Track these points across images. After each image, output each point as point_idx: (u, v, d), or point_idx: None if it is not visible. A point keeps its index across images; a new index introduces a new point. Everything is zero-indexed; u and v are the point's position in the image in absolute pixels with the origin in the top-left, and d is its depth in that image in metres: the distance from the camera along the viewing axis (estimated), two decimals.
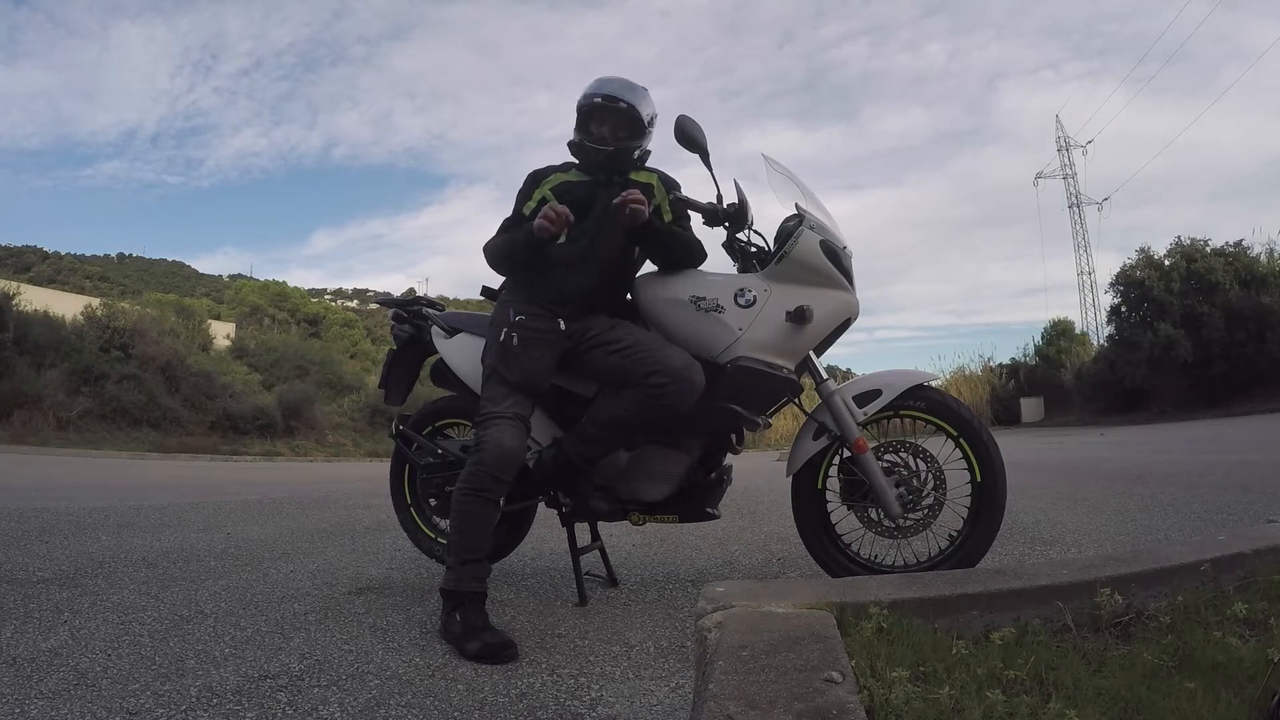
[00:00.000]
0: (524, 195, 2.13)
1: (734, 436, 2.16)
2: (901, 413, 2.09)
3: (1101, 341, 23.04)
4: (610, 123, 2.08)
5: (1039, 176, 36.99)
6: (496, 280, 2.24)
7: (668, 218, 2.15)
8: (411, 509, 2.58)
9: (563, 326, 2.03)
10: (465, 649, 1.67)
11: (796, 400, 2.10)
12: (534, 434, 2.05)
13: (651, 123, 2.14)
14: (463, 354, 2.27)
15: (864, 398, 2.05)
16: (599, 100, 2.07)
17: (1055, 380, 22.84)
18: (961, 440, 2.04)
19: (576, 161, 2.15)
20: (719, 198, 2.09)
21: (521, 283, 2.12)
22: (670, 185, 2.17)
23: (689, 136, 2.00)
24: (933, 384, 2.11)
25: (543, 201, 2.07)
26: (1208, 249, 18.26)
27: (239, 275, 57.46)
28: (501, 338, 2.01)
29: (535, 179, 2.15)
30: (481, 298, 2.38)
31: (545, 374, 2.02)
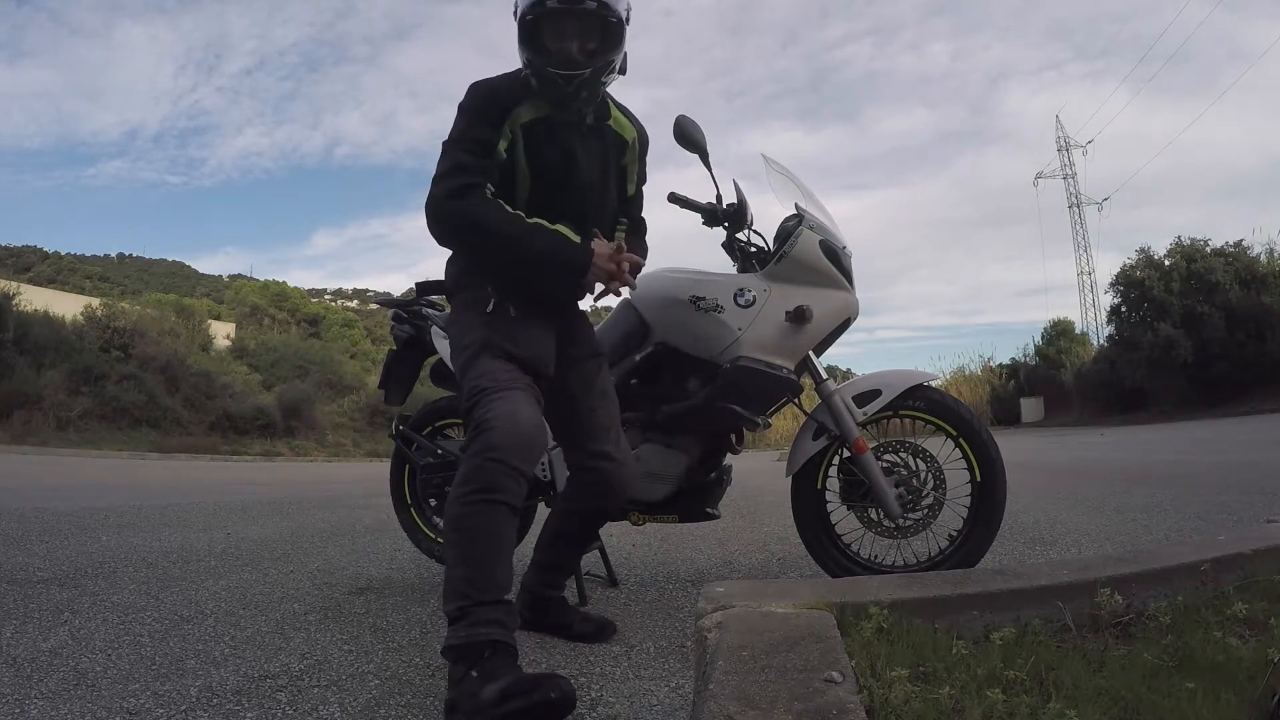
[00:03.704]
0: (485, 120, 1.56)
1: (734, 436, 2.15)
2: (901, 413, 2.09)
3: (1101, 341, 23.13)
4: (573, 32, 1.53)
5: (1039, 177, 37.17)
6: (440, 256, 1.75)
7: (631, 188, 1.82)
8: (411, 509, 2.58)
9: None
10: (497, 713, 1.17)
11: (796, 400, 2.10)
12: None
13: (628, 19, 1.59)
14: None
15: (864, 398, 2.05)
16: (552, 3, 1.50)
17: (1055, 380, 22.88)
18: (961, 440, 2.03)
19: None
20: (718, 198, 2.09)
21: (492, 270, 1.62)
22: (644, 145, 1.83)
23: (688, 137, 1.99)
24: (932, 384, 2.11)
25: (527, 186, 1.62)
26: (1208, 249, 18.30)
27: (239, 275, 57.49)
28: (491, 308, 1.57)
29: (496, 101, 1.57)
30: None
31: (549, 356, 1.62)
